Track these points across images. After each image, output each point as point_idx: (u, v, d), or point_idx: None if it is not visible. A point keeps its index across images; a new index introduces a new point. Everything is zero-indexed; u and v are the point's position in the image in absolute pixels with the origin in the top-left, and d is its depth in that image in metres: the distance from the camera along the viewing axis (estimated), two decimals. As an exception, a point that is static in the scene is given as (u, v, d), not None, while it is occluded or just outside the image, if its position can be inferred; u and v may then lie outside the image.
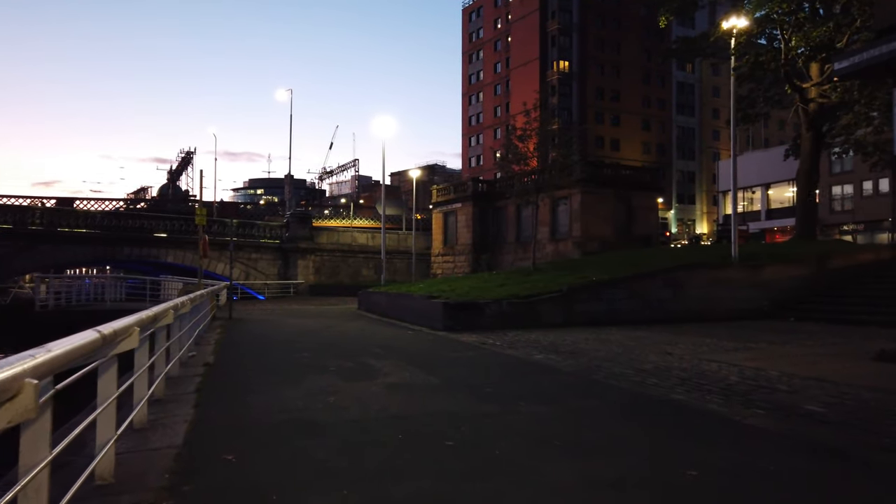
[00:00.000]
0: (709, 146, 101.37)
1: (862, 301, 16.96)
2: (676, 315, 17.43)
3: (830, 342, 12.04)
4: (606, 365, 9.54)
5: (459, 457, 4.86)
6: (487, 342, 12.86)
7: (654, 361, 9.85)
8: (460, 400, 7.07)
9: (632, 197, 33.68)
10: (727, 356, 10.31)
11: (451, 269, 39.11)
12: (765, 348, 11.34)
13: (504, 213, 37.46)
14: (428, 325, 16.44)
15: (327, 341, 13.91)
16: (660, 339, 12.92)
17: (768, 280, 18.50)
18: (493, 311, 16.14)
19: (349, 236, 48.52)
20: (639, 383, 7.95)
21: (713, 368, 9.03)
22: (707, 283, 18.06)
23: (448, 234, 40.94)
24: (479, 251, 37.79)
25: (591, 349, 11.47)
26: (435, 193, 43.34)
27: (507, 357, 10.68)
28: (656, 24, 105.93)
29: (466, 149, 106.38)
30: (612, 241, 32.28)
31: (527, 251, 35.17)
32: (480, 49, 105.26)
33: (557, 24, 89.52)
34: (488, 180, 42.54)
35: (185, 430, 5.76)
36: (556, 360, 10.17)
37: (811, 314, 17.05)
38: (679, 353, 10.87)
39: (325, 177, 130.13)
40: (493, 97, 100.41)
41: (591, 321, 16.63)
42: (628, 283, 17.42)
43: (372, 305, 23.56)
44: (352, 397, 7.25)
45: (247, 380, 8.72)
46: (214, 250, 40.08)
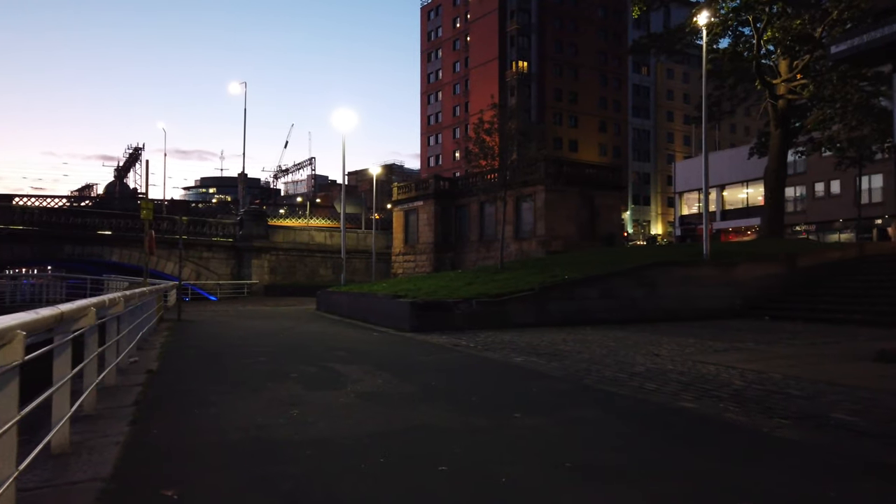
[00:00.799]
0: (664, 148, 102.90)
1: (835, 299, 16.74)
2: (650, 314, 16.94)
3: (819, 342, 11.57)
4: (595, 368, 8.78)
5: (458, 487, 3.97)
6: (460, 344, 12.00)
7: (645, 364, 9.14)
8: (445, 411, 6.18)
9: (595, 196, 33.34)
10: (719, 357, 9.68)
11: (412, 268, 38.16)
12: (754, 349, 10.78)
13: (466, 211, 36.72)
14: (394, 326, 15.51)
15: (286, 344, 12.84)
16: (640, 340, 12.28)
17: (740, 278, 18.17)
18: (463, 310, 15.30)
19: (306, 235, 47.07)
20: (637, 389, 7.20)
21: (711, 371, 8.36)
22: (680, 281, 17.61)
23: (409, 233, 39.98)
24: (441, 250, 36.95)
25: (572, 351, 10.72)
26: (396, 191, 42.33)
27: (486, 360, 9.83)
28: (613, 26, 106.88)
29: (425, 148, 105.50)
30: (576, 241, 31.87)
31: (490, 250, 34.54)
32: (439, 48, 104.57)
33: (516, 25, 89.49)
34: (450, 178, 41.77)
35: (117, 456, 4.71)
36: (539, 363, 9.37)
37: (785, 313, 16.74)
38: (666, 354, 10.21)
39: (280, 175, 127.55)
40: (453, 96, 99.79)
41: (564, 321, 15.97)
42: (601, 281, 16.81)
43: (332, 306, 22.46)
44: (319, 410, 6.29)
45: (196, 389, 7.65)
46: (163, 249, 38.21)
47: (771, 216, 22.76)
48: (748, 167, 62.17)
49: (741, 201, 64.62)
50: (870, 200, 35.91)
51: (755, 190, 63.20)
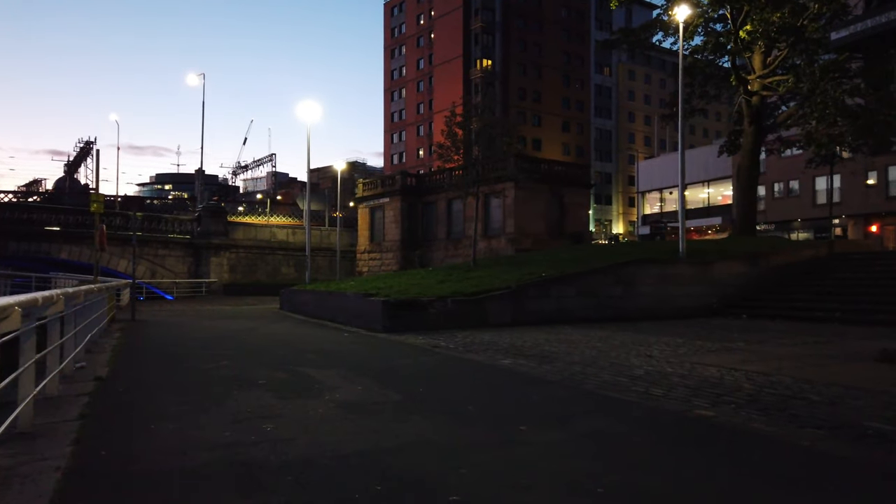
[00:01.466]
0: (625, 149, 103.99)
1: (811, 297, 16.59)
2: (627, 312, 16.53)
3: (810, 341, 11.23)
4: (591, 371, 8.19)
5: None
6: (439, 345, 11.30)
7: (641, 366, 8.59)
8: (441, 425, 5.48)
9: (564, 193, 33.00)
10: (716, 358, 9.20)
11: (378, 266, 37.28)
12: (747, 349, 10.36)
13: (434, 208, 36.01)
14: (365, 327, 14.73)
15: (252, 347, 11.94)
16: (626, 340, 11.78)
17: (716, 276, 17.92)
18: (438, 309, 14.61)
19: (268, 232, 45.68)
20: (644, 395, 6.62)
21: (714, 374, 7.84)
22: (657, 279, 17.25)
23: (375, 231, 39.06)
24: (407, 248, 36.17)
25: (559, 352, 10.12)
26: (361, 188, 41.35)
27: (471, 363, 9.15)
28: (576, 27, 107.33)
29: (388, 146, 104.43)
30: (545, 238, 31.47)
31: (458, 248, 33.91)
32: (403, 45, 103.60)
33: (481, 23, 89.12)
34: (417, 175, 41.00)
35: (54, 487, 3.88)
36: (529, 366, 8.74)
37: (763, 311, 16.52)
38: (659, 355, 9.70)
39: (239, 172, 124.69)
40: (416, 94, 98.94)
41: (542, 320, 15.43)
42: (579, 279, 16.31)
43: (297, 305, 21.50)
44: (296, 423, 5.52)
45: (152, 400, 6.79)
46: (116, 246, 36.50)
47: (743, 214, 22.68)
48: (709, 168, 63.13)
49: (702, 201, 65.42)
50: (829, 200, 36.55)
51: (715, 190, 64.13)
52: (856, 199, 48.02)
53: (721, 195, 63.30)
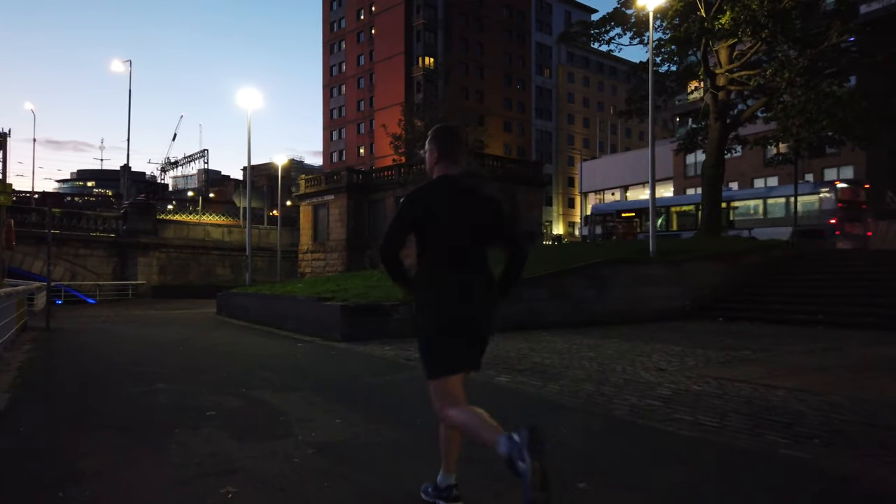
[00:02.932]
0: (565, 150, 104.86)
1: (787, 299, 16.00)
2: (601, 316, 15.51)
3: (817, 349, 10.35)
4: (609, 392, 6.94)
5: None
6: (413, 357, 9.85)
7: (661, 382, 7.42)
8: (472, 481, 4.06)
9: (517, 192, 32.08)
10: (736, 372, 8.14)
11: (322, 267, 35.39)
12: (756, 358, 9.37)
13: (382, 206, 34.44)
14: (320, 335, 13.11)
15: (191, 362, 10.18)
16: (619, 349, 10.65)
17: (689, 277, 17.16)
18: (403, 315, 13.13)
19: (201, 231, 42.95)
20: (696, 426, 5.40)
21: (755, 394, 6.73)
22: (631, 280, 16.31)
23: (318, 230, 37.13)
24: (354, 248, 34.45)
25: (555, 365, 8.87)
26: (303, 184, 39.26)
27: (461, 382, 7.75)
28: (517, 27, 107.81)
29: (328, 143, 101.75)
30: (499, 238, 30.44)
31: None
32: (342, 40, 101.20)
33: (423, 20, 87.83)
34: (364, 171, 39.27)
35: None
36: (532, 384, 7.43)
37: (740, 314, 15.81)
38: (670, 367, 8.57)
39: (168, 169, 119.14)
40: (357, 90, 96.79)
41: (513, 325, 14.15)
42: (552, 280, 15.16)
43: (237, 310, 19.57)
44: (267, 484, 4.00)
45: (62, 443, 5.11)
46: (30, 245, 33.29)
47: (708, 213, 22.20)
48: (647, 170, 63.87)
49: (642, 202, 66.08)
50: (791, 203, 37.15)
51: (657, 191, 64.87)
52: (792, 200, 49.20)
53: (661, 196, 64.08)
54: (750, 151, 48.10)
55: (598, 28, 24.84)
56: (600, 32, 25.02)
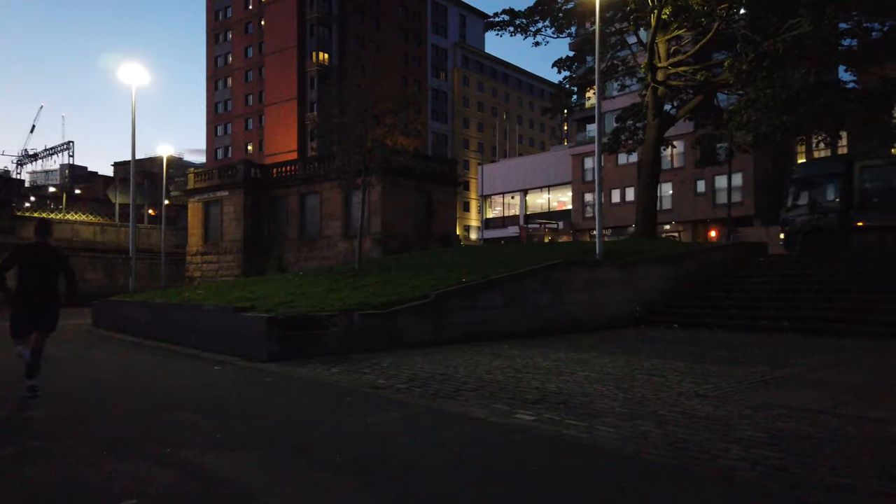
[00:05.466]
0: (461, 154, 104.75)
1: (741, 304, 15.28)
2: (555, 323, 14.08)
3: (832, 361, 9.30)
4: (677, 433, 5.27)
5: None
6: (377, 384, 7.76)
7: (726, 416, 5.86)
8: None
9: (432, 191, 30.34)
10: (802, 398, 6.76)
11: (214, 271, 31.85)
12: (791, 377, 8.11)
13: (284, 204, 31.49)
14: (237, 353, 10.63)
15: (73, 399, 7.47)
16: (616, 366, 9.10)
17: (639, 282, 16.11)
18: (342, 328, 10.94)
19: (69, 230, 37.80)
20: (832, 492, 3.79)
21: (807, 428, 5.31)
22: (584, 285, 14.98)
23: (210, 229, 33.47)
24: (251, 249, 31.23)
25: (571, 392, 7.12)
26: (193, 179, 35.31)
27: (473, 425, 5.77)
28: (413, 28, 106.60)
29: (212, 139, 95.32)
30: (413, 239, 28.58)
31: (313, 249, 29.85)
32: (229, 30, 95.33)
33: (316, 14, 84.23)
34: (264, 165, 35.97)
35: None
36: (573, 426, 5.60)
37: (694, 320, 14.88)
38: (705, 391, 7.07)
39: (26, 163, 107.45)
40: (245, 83, 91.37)
41: (467, 335, 12.40)
42: (504, 285, 13.48)
43: (122, 322, 16.37)
44: None
45: None
46: None
47: (644, 213, 21.49)
48: (549, 173, 64.45)
49: (540, 206, 66.61)
50: (729, 200, 37.80)
51: (553, 195, 65.63)
52: (685, 206, 51.03)
53: (558, 201, 64.87)
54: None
55: (525, 19, 23.65)
56: (526, 24, 23.84)
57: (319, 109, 76.81)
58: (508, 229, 65.72)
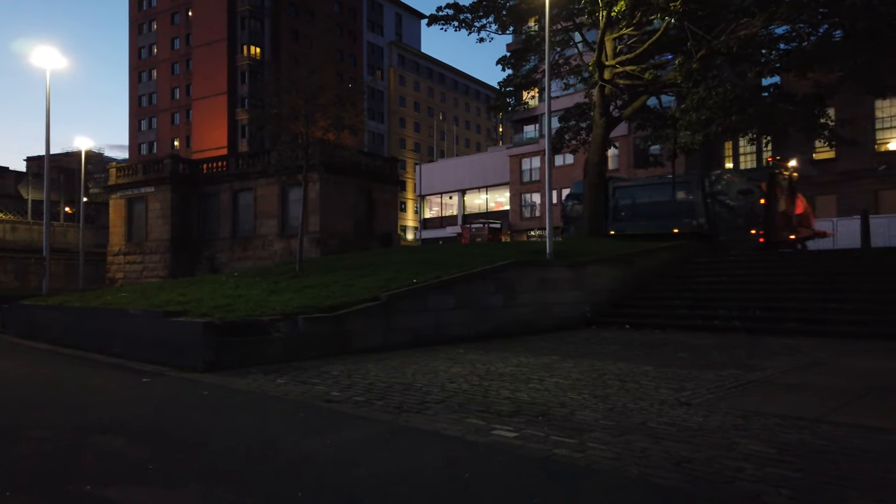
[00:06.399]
0: (397, 154, 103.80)
1: (691, 304, 15.20)
2: (509, 326, 13.60)
3: (802, 364, 9.11)
4: (677, 450, 4.79)
5: None
6: (330, 395, 6.99)
7: (719, 427, 5.44)
8: None
9: (372, 190, 29.48)
10: (790, 405, 6.43)
11: (138, 272, 29.92)
12: (766, 380, 7.83)
13: (215, 201, 29.92)
14: (168, 362, 9.61)
15: (-29, 422, 6.37)
16: (581, 370, 8.64)
17: (589, 282, 15.84)
18: (286, 333, 10.09)
19: (-27, 227, 34.82)
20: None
21: (810, 438, 4.97)
22: (536, 285, 14.56)
23: (134, 228, 31.44)
24: (180, 249, 29.51)
25: (546, 402, 6.58)
26: (115, 174, 33.09)
27: (448, 444, 5.11)
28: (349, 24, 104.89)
29: (136, 133, 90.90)
30: (353, 239, 27.65)
31: (247, 249, 28.48)
32: (153, 20, 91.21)
33: (248, 6, 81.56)
34: (193, 160, 34.13)
35: None
36: (562, 442, 5.04)
37: (646, 320, 14.70)
38: (685, 397, 6.67)
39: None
40: (171, 76, 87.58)
41: (418, 340, 11.74)
42: (457, 286, 12.88)
43: (35, 328, 14.82)
44: None
45: None
46: None
47: (592, 214, 21.34)
48: (487, 174, 64.46)
49: (478, 206, 66.58)
50: None
51: (491, 196, 65.72)
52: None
53: (495, 201, 65.01)
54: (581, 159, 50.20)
55: (470, 14, 23.15)
56: (471, 20, 23.35)
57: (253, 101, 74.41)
58: (447, 229, 65.30)
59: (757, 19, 15.87)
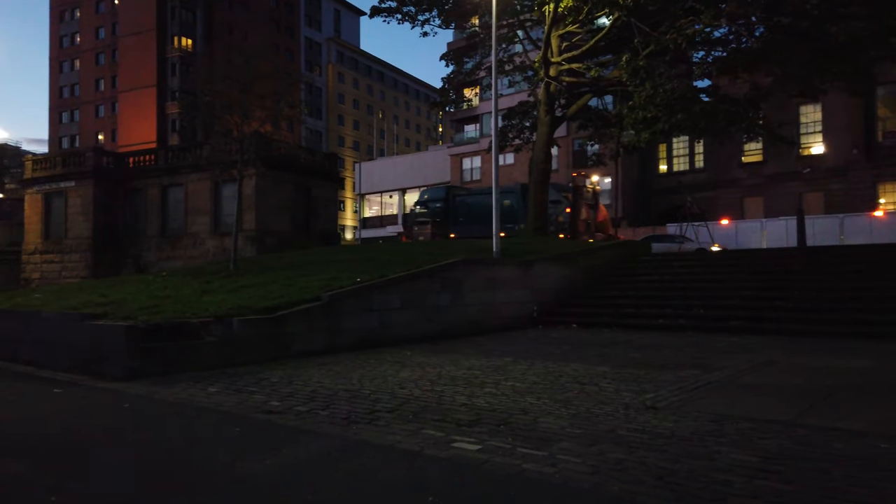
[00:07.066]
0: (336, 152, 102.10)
1: (635, 303, 15.14)
2: (457, 326, 13.16)
3: (758, 362, 8.99)
4: (658, 463, 4.42)
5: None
6: (270, 406, 6.33)
7: (695, 435, 5.11)
8: None
9: (312, 186, 28.53)
10: (755, 406, 6.18)
11: (57, 272, 27.98)
12: (728, 381, 7.62)
13: (143, 197, 28.29)
14: (85, 370, 8.71)
15: None
16: (536, 372, 8.26)
17: (536, 281, 15.57)
18: (218, 336, 9.31)
19: None
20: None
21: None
22: (484, 284, 14.17)
23: (52, 224, 29.37)
24: (104, 248, 27.75)
25: (506, 409, 6.13)
26: (31, 167, 30.84)
27: (407, 460, 4.59)
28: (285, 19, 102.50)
29: (56, 126, 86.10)
30: (291, 237, 26.65)
31: (177, 248, 27.07)
32: (77, 7, 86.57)
33: (179, -6, 78.35)
34: (118, 153, 32.21)
35: None
36: (530, 455, 4.58)
37: (593, 319, 14.52)
38: (651, 401, 6.35)
39: None
40: (95, 67, 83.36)
41: (363, 342, 11.13)
42: (403, 285, 12.33)
43: (-67, 333, 13.38)
44: None
45: None
46: None
47: (536, 212, 21.12)
48: (428, 173, 64.01)
49: (418, 206, 65.99)
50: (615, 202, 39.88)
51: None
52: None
53: (437, 201, 64.57)
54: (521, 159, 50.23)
55: (413, 7, 22.57)
56: (415, 13, 22.78)
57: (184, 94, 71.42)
58: (387, 228, 64.48)
59: (704, 16, 16.04)
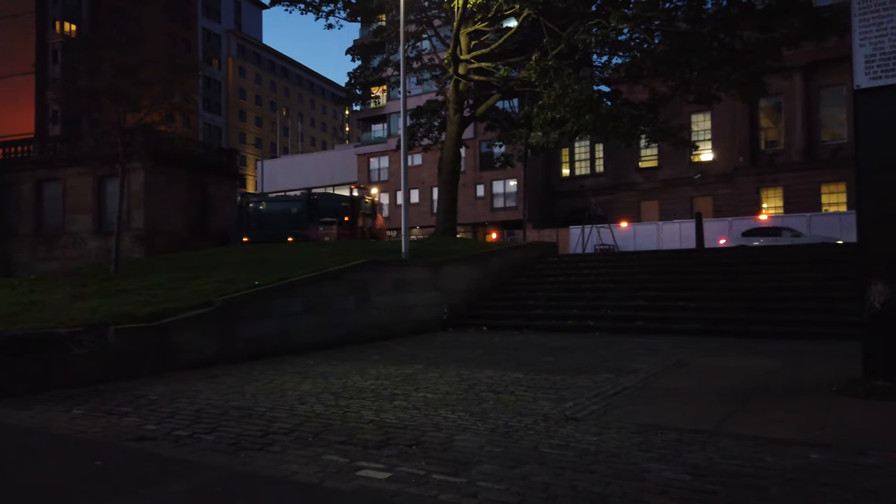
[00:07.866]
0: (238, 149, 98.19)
1: (544, 305, 15.02)
2: (363, 330, 12.50)
3: (669, 366, 8.88)
4: (548, 484, 4.00)
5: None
6: (144, 429, 5.46)
7: (618, 450, 4.75)
8: None
9: (208, 183, 26.88)
10: (663, 415, 5.94)
11: None
12: (645, 385, 7.40)
13: (13, 192, 25.62)
14: (-76, 393, 7.37)
15: None
16: (449, 381, 7.77)
17: (446, 282, 15.13)
18: (91, 347, 8.20)
19: None
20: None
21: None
22: (392, 286, 13.56)
23: None
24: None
25: (419, 425, 5.57)
26: None
27: (288, 494, 3.93)
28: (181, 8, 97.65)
29: (-85, 114, 77.23)
30: (185, 237, 24.95)
31: (55, 248, 24.74)
32: (-60, -17, 78.29)
33: (62, -23, 72.68)
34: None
35: None
36: (448, 485, 4.04)
37: (503, 321, 14.28)
38: (573, 412, 5.99)
39: None
40: (-37, 50, 75.53)
41: (261, 351, 10.27)
42: (306, 288, 11.52)
43: None
44: None
45: None
46: None
47: (446, 212, 20.67)
48: (335, 172, 62.65)
49: (328, 205, 64.36)
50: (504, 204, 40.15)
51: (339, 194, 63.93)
52: (466, 209, 52.55)
53: (344, 200, 63.14)
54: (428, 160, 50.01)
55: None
56: (319, 4, 21.83)
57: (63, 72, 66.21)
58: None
59: (611, 18, 16.21)
